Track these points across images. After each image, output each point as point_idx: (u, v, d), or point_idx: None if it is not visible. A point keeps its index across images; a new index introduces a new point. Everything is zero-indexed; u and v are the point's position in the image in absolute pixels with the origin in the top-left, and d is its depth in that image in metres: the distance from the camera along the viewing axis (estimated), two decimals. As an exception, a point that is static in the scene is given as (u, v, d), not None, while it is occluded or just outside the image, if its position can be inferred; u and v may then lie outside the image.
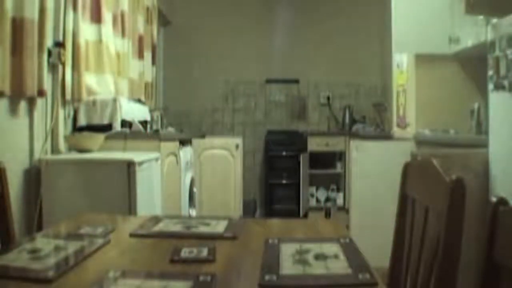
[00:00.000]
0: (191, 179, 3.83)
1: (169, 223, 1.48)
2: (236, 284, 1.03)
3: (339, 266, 1.04)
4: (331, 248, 1.17)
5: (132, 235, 1.35)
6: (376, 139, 3.94)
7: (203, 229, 1.42)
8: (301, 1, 5.54)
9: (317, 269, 1.03)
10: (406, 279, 1.21)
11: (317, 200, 5.23)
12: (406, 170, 1.33)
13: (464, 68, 3.65)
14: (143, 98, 4.12)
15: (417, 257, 1.12)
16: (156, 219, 1.54)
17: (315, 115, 5.64)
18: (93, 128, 2.85)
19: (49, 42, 2.50)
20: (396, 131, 3.80)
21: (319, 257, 1.10)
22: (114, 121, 2.90)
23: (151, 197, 2.66)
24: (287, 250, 1.16)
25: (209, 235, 1.35)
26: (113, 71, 3.32)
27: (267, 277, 0.97)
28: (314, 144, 5.05)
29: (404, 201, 1.32)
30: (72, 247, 1.18)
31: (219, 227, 1.42)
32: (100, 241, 1.24)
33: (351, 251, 1.15)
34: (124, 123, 3.00)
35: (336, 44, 5.50)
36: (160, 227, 1.44)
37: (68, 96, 2.72)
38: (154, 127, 3.96)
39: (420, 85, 3.71)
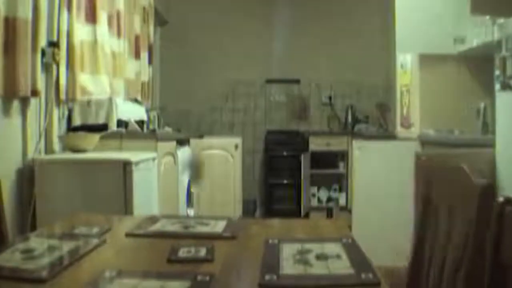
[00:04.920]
0: (189, 179, 3.80)
1: (167, 223, 1.45)
2: (236, 284, 1.00)
3: (341, 266, 1.02)
4: (333, 248, 1.14)
5: (128, 234, 1.33)
6: (379, 139, 3.91)
7: (201, 229, 1.39)
8: (302, 0, 5.50)
9: (319, 269, 1.01)
10: (427, 282, 1.17)
11: (319, 200, 5.20)
12: (428, 172, 1.29)
13: (469, 68, 3.62)
14: (139, 98, 4.09)
15: (441, 260, 1.09)
16: (153, 219, 1.51)
17: (317, 115, 5.60)
18: (88, 128, 2.81)
19: (43, 42, 2.47)
20: (400, 131, 3.77)
21: (320, 257, 1.08)
22: (110, 121, 2.87)
23: (147, 198, 2.63)
24: (288, 250, 1.13)
25: (208, 235, 1.32)
26: (109, 71, 3.29)
27: (267, 277, 0.95)
28: (316, 144, 5.02)
29: (425, 203, 1.28)
30: (67, 247, 1.16)
31: (218, 227, 1.40)
32: (95, 241, 1.21)
33: (354, 251, 1.12)
34: (120, 123, 2.98)
35: (338, 43, 5.44)
36: (157, 227, 1.41)
37: (63, 96, 2.69)
38: (151, 127, 3.93)
39: (424, 85, 3.68)
